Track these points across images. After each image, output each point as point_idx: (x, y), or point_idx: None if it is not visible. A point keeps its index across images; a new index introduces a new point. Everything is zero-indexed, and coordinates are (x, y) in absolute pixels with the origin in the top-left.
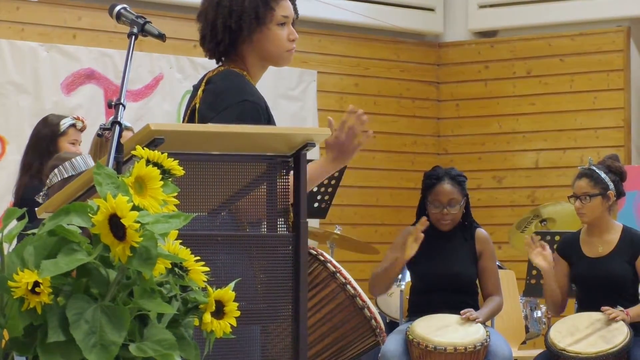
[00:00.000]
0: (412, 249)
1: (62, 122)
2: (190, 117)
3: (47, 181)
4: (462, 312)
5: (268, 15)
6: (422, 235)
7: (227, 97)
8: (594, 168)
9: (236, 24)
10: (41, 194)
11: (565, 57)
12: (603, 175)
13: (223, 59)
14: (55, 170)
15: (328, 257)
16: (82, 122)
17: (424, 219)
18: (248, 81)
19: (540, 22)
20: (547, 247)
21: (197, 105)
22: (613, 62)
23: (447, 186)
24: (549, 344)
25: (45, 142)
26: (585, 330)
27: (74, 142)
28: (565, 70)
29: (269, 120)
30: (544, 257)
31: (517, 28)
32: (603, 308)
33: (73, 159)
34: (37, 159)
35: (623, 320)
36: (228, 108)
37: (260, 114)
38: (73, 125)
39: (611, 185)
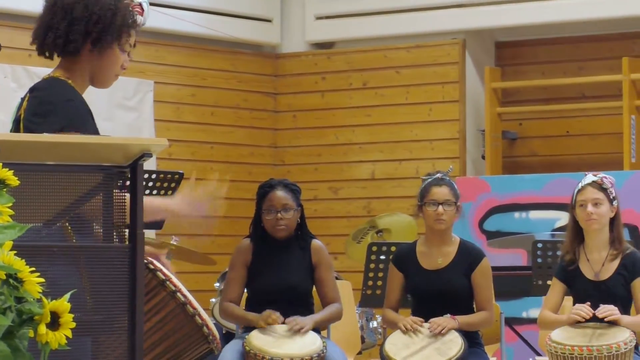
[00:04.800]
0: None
1: None
2: (15, 127)
3: None
4: (287, 320)
5: (124, 38)
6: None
7: (51, 102)
8: (448, 178)
9: (98, 34)
10: None
11: (401, 69)
12: (456, 187)
13: (57, 55)
14: None
15: (158, 265)
16: None
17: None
18: (73, 88)
19: (377, 34)
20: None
21: (22, 115)
22: (448, 74)
23: (280, 192)
24: (385, 357)
25: None
26: (420, 342)
27: None
28: (401, 82)
29: (93, 126)
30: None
31: (354, 40)
32: (432, 321)
33: None
34: None
35: (452, 327)
36: (53, 112)
37: (85, 115)
38: None
39: (459, 198)
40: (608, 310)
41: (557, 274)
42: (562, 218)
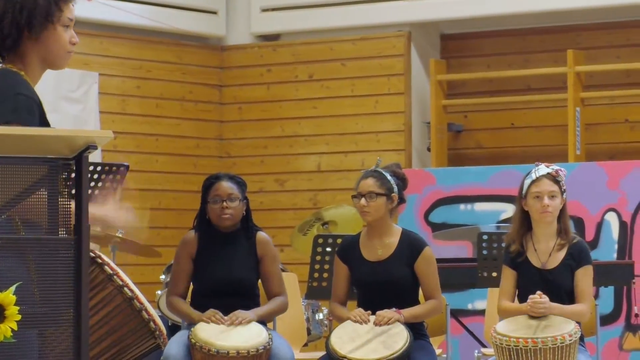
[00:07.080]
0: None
1: None
2: None
3: None
4: (230, 315)
5: (56, 15)
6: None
7: (1, 93)
8: (380, 170)
9: (26, 20)
10: None
11: (346, 62)
12: (389, 177)
13: (4, 54)
14: None
15: (106, 259)
16: None
17: None
18: (24, 80)
19: (322, 27)
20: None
21: None
22: (394, 66)
23: (225, 183)
24: (330, 351)
25: None
26: (365, 335)
27: None
28: (346, 74)
29: (42, 117)
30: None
31: (300, 32)
32: (377, 314)
33: None
34: None
35: (398, 320)
36: (2, 103)
37: (35, 108)
38: None
39: (395, 189)
40: (542, 308)
41: (506, 262)
42: (507, 210)
